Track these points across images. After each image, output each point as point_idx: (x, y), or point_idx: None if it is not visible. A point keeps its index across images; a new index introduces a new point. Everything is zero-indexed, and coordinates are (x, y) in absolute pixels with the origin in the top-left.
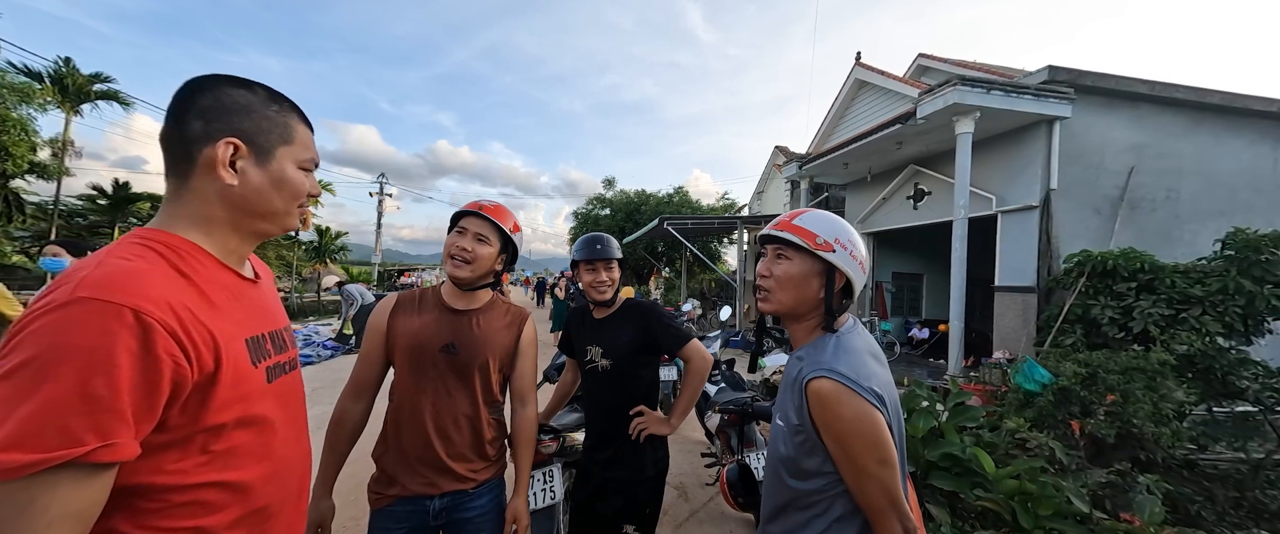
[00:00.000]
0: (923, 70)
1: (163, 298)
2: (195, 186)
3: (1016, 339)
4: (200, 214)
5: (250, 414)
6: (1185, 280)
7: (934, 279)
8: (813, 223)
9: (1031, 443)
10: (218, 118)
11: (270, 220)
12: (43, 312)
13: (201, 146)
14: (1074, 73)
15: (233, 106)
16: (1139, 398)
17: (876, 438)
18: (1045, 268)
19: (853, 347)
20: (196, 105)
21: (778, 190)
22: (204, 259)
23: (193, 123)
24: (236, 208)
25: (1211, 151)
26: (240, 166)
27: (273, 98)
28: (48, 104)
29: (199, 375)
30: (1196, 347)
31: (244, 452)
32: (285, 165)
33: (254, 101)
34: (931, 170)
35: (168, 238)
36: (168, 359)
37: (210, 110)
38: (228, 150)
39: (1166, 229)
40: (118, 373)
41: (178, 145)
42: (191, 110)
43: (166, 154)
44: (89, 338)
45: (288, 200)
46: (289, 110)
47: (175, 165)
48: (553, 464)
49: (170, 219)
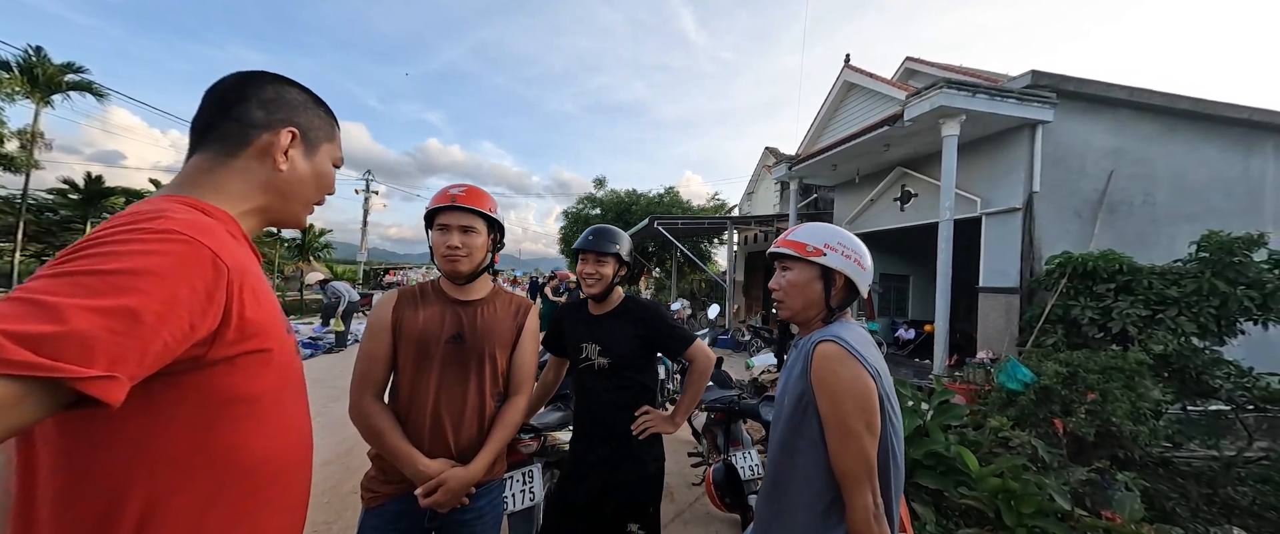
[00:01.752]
0: (910, 73)
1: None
2: (241, 166)
3: (1000, 339)
4: (236, 192)
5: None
6: (1162, 282)
7: (920, 280)
8: (802, 235)
9: (1014, 441)
10: (279, 109)
11: (296, 209)
12: (137, 232)
13: (261, 132)
14: (1056, 78)
15: (292, 101)
16: (1118, 397)
17: (867, 401)
18: (1028, 269)
19: (855, 328)
20: (259, 96)
21: (768, 191)
22: (230, 221)
23: (254, 110)
24: (275, 192)
25: (1185, 157)
26: (290, 155)
27: (318, 102)
28: (15, 94)
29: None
30: (1172, 347)
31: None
32: (325, 161)
33: (306, 100)
34: (918, 173)
35: (203, 205)
36: (216, 306)
37: (273, 102)
38: (288, 138)
39: (1144, 232)
40: (179, 309)
41: (232, 127)
42: (253, 99)
43: (209, 133)
44: (174, 267)
45: (318, 193)
46: (329, 112)
47: (221, 144)
48: (533, 464)
49: (199, 190)
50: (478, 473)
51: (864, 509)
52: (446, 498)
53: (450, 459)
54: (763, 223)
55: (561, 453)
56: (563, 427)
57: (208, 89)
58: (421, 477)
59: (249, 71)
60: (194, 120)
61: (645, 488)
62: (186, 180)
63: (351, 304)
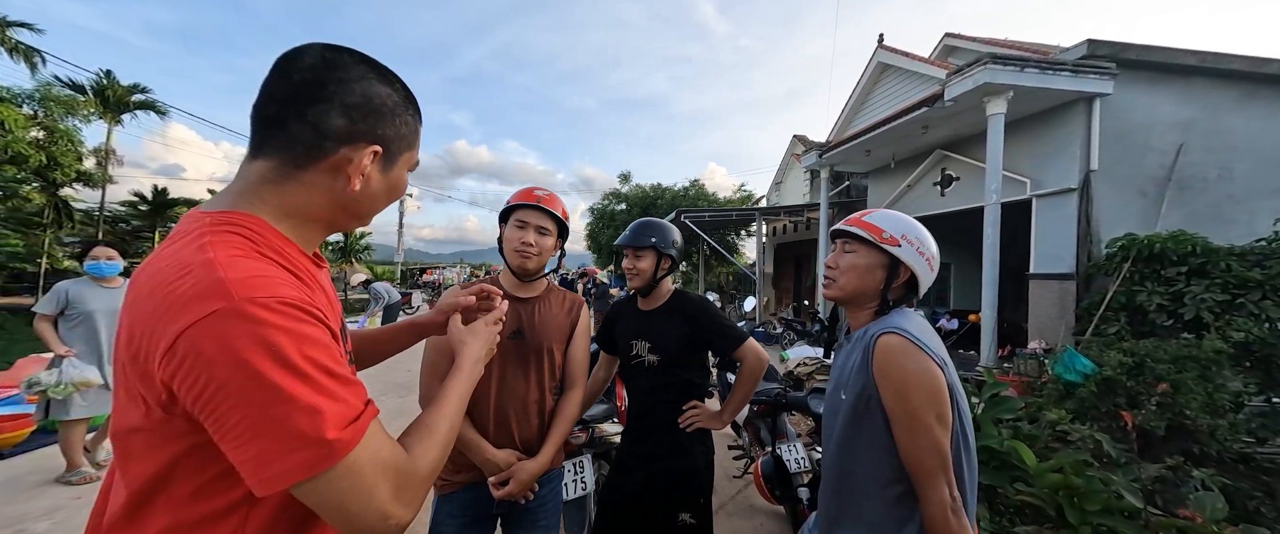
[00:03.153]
0: (950, 50)
1: (287, 287)
2: (309, 180)
3: (1054, 329)
4: (298, 206)
5: None
6: (1242, 264)
7: (961, 268)
8: (881, 220)
9: (1074, 435)
10: (365, 119)
11: (362, 221)
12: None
13: (339, 146)
14: (1116, 46)
15: (381, 108)
16: (1191, 388)
17: (937, 392)
18: (1084, 254)
19: (916, 318)
20: (344, 98)
21: (796, 180)
22: (287, 245)
23: (335, 118)
24: (342, 208)
25: (1266, 126)
26: (368, 173)
27: (408, 98)
28: (91, 115)
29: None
30: (1255, 334)
31: None
32: (402, 172)
33: (396, 104)
34: (960, 155)
35: (247, 220)
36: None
37: (358, 108)
38: (370, 158)
39: (1219, 210)
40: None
41: (306, 132)
42: (336, 102)
43: (278, 131)
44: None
45: (388, 203)
46: (417, 112)
47: (290, 151)
48: (583, 455)
49: (261, 206)
50: (544, 464)
51: (940, 504)
52: (518, 488)
53: (515, 450)
54: (792, 213)
55: (609, 445)
56: (608, 419)
57: (282, 63)
58: (490, 466)
59: (333, 53)
60: (261, 105)
61: (694, 480)
62: (249, 191)
63: (391, 304)
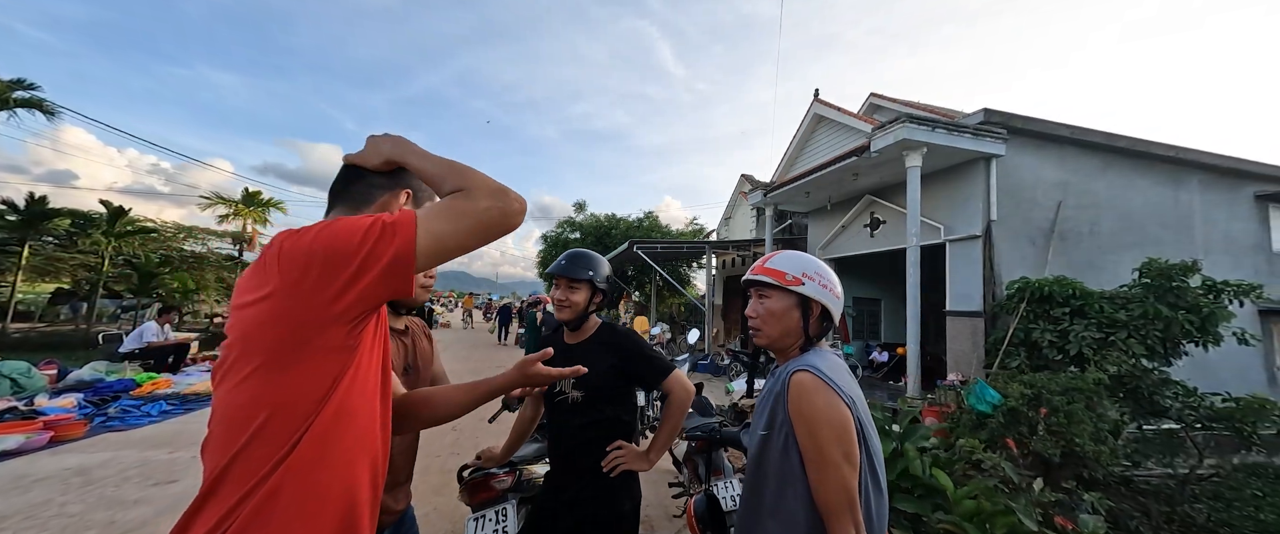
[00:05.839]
0: (875, 108)
1: None
2: None
3: (968, 362)
4: None
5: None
6: (1111, 306)
7: (891, 304)
8: (781, 262)
9: (986, 463)
10: (400, 173)
11: None
12: None
13: (381, 192)
14: (1006, 116)
15: None
16: (1081, 417)
17: (843, 430)
18: (990, 294)
19: (830, 357)
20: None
21: (744, 216)
22: None
23: (380, 176)
24: None
25: (1123, 190)
26: (403, 208)
27: None
28: None
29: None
30: (1125, 367)
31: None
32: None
33: None
34: (886, 201)
35: None
36: None
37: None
38: (404, 197)
39: (1092, 258)
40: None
41: (359, 188)
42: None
43: (341, 197)
44: None
45: None
46: None
47: (349, 204)
48: (508, 501)
49: None
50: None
51: None
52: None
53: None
54: (740, 247)
55: (537, 488)
56: (539, 459)
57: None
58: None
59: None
60: (334, 186)
61: (619, 528)
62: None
63: None
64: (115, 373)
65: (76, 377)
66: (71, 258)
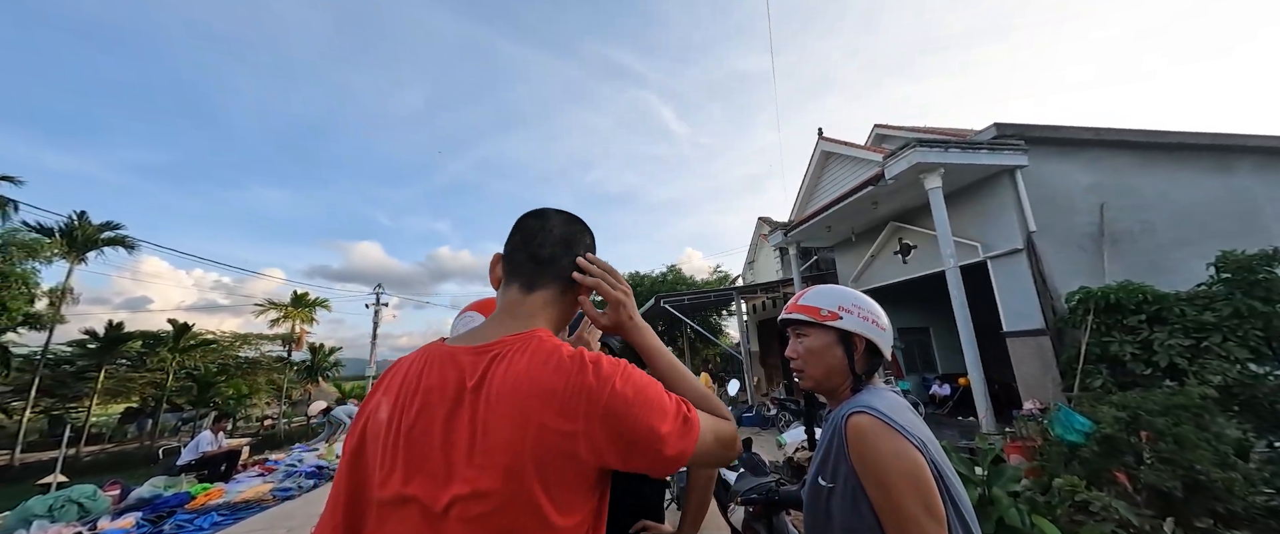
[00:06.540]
0: (881, 138)
1: None
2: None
3: (1042, 385)
4: (563, 318)
5: None
6: (1193, 308)
7: (941, 331)
8: (815, 298)
9: (1094, 504)
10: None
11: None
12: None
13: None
14: (1019, 127)
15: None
16: (1194, 440)
17: (919, 479)
18: (1049, 308)
19: (888, 395)
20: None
21: (768, 258)
22: None
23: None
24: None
25: (1168, 184)
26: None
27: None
28: (54, 256)
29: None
30: (1231, 376)
31: None
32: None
33: (593, 243)
34: (912, 225)
35: (544, 333)
36: None
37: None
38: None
39: (1154, 258)
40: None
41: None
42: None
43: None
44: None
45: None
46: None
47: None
48: None
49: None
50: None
51: None
52: None
53: None
54: (769, 290)
55: None
56: None
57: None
58: None
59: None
60: (535, 250)
61: None
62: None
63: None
64: (173, 487)
65: (137, 495)
66: (140, 377)
